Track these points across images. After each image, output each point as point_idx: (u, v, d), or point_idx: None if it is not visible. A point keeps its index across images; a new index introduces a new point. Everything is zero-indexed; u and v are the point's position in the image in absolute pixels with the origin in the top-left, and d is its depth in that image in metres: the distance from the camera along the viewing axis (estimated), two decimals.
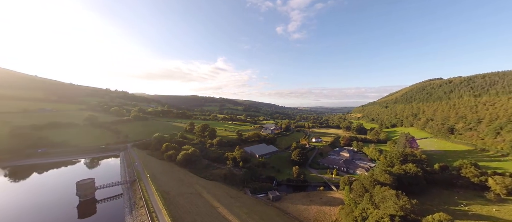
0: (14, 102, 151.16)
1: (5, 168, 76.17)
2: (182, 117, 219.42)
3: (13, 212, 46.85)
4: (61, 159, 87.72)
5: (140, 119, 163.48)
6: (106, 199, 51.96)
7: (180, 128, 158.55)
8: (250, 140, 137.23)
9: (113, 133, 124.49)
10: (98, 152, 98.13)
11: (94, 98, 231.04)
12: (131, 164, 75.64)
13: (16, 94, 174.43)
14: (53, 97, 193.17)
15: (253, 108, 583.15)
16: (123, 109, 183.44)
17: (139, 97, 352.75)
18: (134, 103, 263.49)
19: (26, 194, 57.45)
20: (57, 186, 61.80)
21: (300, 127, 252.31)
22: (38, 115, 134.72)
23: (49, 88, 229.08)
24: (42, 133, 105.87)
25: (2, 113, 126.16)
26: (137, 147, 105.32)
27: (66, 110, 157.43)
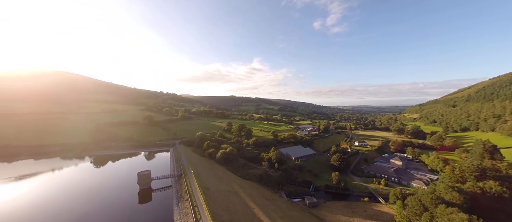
0: (97, 104, 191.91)
1: (92, 156, 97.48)
2: (221, 117, 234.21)
3: (96, 189, 60.68)
4: (127, 151, 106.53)
5: (186, 119, 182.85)
6: (159, 189, 60.24)
7: (219, 127, 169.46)
8: (286, 141, 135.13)
9: (165, 130, 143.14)
10: (153, 146, 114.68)
11: (151, 100, 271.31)
12: (179, 159, 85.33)
13: (98, 97, 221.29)
14: (122, 100, 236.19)
15: (289, 108, 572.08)
16: (172, 110, 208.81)
17: (185, 99, 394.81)
18: (181, 104, 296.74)
19: (104, 177, 72.74)
20: (124, 173, 75.39)
21: (341, 128, 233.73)
22: (112, 114, 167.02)
23: (119, 92, 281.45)
24: (114, 129, 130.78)
25: (90, 112, 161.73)
26: (183, 143, 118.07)
27: (130, 110, 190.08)
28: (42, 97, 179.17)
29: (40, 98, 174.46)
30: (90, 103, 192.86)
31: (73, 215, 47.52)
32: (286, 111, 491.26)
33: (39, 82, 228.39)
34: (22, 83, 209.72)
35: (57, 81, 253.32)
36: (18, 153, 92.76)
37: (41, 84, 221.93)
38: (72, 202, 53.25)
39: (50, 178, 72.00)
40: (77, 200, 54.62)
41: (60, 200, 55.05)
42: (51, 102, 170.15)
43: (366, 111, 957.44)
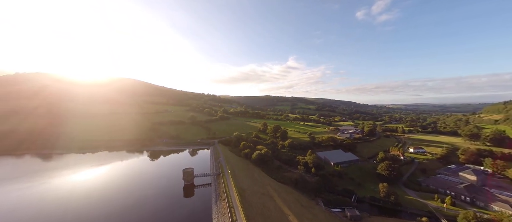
0: (152, 106, 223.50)
1: (148, 151, 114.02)
2: (256, 117, 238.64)
3: (151, 178, 71.45)
4: (175, 147, 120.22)
5: (223, 119, 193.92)
6: (200, 186, 65.62)
7: (255, 127, 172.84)
8: (324, 144, 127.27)
9: (206, 130, 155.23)
10: (196, 144, 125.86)
11: (194, 101, 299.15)
12: (217, 158, 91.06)
13: (152, 100, 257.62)
14: (171, 101, 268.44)
15: (327, 107, 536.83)
16: (212, 110, 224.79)
17: (223, 99, 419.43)
18: (220, 104, 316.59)
19: (157, 169, 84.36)
20: (172, 167, 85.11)
21: (390, 131, 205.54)
22: (163, 114, 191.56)
23: (169, 95, 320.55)
24: (165, 127, 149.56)
25: (147, 113, 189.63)
26: (221, 143, 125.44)
27: (177, 111, 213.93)
28: (111, 100, 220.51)
29: (110, 101, 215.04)
30: (146, 105, 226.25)
31: (134, 195, 59.37)
32: (324, 110, 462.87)
33: (108, 87, 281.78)
34: (96, 88, 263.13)
35: (122, 86, 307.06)
36: (98, 146, 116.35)
37: (110, 89, 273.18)
38: (134, 186, 65.41)
39: (120, 166, 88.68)
40: (138, 185, 66.79)
41: (126, 183, 68.07)
42: (118, 104, 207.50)
43: (423, 110, 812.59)
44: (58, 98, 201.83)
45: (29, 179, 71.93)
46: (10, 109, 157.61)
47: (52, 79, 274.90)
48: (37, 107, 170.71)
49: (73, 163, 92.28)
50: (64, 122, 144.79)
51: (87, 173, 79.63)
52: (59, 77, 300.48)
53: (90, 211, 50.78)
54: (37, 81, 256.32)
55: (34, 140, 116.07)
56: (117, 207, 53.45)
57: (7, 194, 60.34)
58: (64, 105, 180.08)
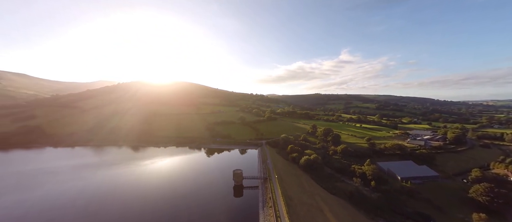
0: (207, 106, 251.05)
1: (205, 148, 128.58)
2: (305, 118, 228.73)
3: (206, 172, 79.68)
4: (226, 146, 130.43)
5: (271, 119, 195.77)
6: (249, 187, 68.34)
7: (303, 129, 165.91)
8: (387, 152, 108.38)
9: (254, 130, 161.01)
10: (245, 145, 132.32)
11: (243, 102, 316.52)
12: (265, 160, 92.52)
13: (208, 101, 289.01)
14: (223, 102, 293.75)
15: (392, 105, 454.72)
16: (260, 111, 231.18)
17: (271, 99, 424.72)
18: (267, 104, 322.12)
19: (211, 164, 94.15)
20: (224, 165, 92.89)
21: (491, 139, 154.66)
22: (216, 115, 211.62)
23: (221, 96, 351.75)
24: (218, 127, 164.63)
25: (203, 113, 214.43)
26: (269, 144, 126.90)
27: (229, 111, 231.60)
28: (175, 101, 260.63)
29: (174, 102, 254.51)
30: (203, 106, 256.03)
31: (195, 183, 71.52)
32: (388, 109, 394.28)
33: (173, 90, 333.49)
34: (165, 91, 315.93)
35: (182, 89, 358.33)
36: (168, 142, 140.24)
37: (174, 92, 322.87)
38: (194, 176, 74.79)
39: (183, 159, 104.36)
40: (197, 175, 77.74)
41: (187, 173, 79.67)
42: (181, 105, 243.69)
43: None
44: (143, 101, 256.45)
45: (126, 164, 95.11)
46: (114, 111, 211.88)
47: (141, 85, 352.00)
48: (131, 109, 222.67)
49: (152, 154, 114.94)
50: (146, 120, 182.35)
51: (161, 162, 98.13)
52: (143, 83, 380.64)
53: (163, 192, 63.63)
54: (130, 88, 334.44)
55: (128, 134, 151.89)
56: (180, 191, 65.66)
57: (113, 174, 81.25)
58: (147, 107, 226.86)
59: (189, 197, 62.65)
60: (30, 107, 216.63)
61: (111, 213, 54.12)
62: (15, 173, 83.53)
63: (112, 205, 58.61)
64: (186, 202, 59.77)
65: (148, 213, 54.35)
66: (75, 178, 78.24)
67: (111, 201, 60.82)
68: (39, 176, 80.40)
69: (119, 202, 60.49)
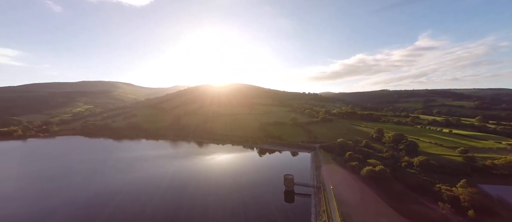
0: (260, 107, 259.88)
1: (257, 148, 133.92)
2: (367, 119, 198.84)
3: (259, 170, 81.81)
4: (278, 147, 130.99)
5: (325, 121, 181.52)
6: (300, 194, 65.95)
7: (365, 133, 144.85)
8: (498, 172, 78.82)
9: (306, 132, 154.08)
10: (297, 147, 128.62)
11: (295, 101, 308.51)
12: (318, 166, 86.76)
13: (260, 101, 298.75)
14: (275, 102, 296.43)
15: (504, 103, 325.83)
16: (313, 111, 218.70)
17: (325, 97, 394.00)
18: (321, 104, 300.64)
19: (264, 164, 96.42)
20: (275, 166, 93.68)
21: None
22: (268, 115, 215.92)
23: (273, 96, 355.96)
24: (270, 128, 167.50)
25: (256, 113, 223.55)
26: (323, 149, 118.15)
27: (280, 112, 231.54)
28: (232, 102, 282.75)
29: (231, 103, 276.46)
30: (256, 106, 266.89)
31: (249, 180, 75.73)
32: (497, 109, 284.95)
33: (229, 91, 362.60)
34: (222, 93, 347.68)
35: (237, 90, 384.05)
36: (225, 140, 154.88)
37: (230, 93, 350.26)
38: (253, 174, 78.29)
39: (239, 156, 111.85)
40: (251, 174, 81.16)
41: (243, 169, 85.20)
42: (237, 106, 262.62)
43: None
44: (207, 102, 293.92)
45: (193, 157, 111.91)
46: (184, 111, 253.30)
47: (206, 88, 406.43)
48: (197, 109, 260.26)
49: (212, 150, 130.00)
50: (208, 119, 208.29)
51: (219, 158, 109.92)
52: (208, 86, 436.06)
53: (223, 184, 70.74)
54: (197, 91, 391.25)
55: (195, 131, 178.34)
56: (236, 185, 71.32)
57: (184, 164, 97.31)
58: (209, 108, 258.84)
59: (245, 192, 67.32)
60: (133, 108, 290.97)
61: (183, 198, 64.65)
62: (123, 158, 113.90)
63: (184, 190, 70.03)
64: (242, 197, 64.53)
65: (210, 201, 62.07)
66: (158, 166, 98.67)
67: (184, 187, 72.74)
68: (136, 162, 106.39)
69: (189, 188, 71.52)
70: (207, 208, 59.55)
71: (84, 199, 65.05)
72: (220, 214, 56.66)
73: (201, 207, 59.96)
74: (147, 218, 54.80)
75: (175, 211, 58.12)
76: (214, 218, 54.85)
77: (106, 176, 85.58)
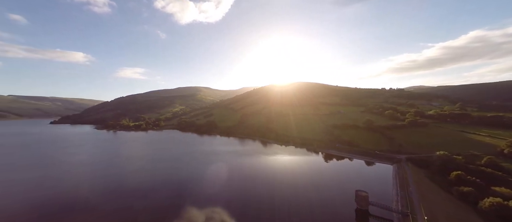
0: (326, 107, 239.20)
1: (323, 153, 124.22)
2: (490, 125, 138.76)
3: (324, 178, 75.21)
4: (347, 154, 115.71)
5: (416, 125, 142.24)
6: (378, 219, 54.89)
7: (487, 146, 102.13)
8: None
9: (386, 139, 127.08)
10: (373, 156, 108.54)
11: (371, 100, 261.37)
12: (404, 185, 69.23)
13: (326, 100, 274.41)
14: (344, 101, 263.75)
15: None
16: (397, 112, 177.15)
17: (415, 94, 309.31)
18: (410, 102, 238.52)
19: (330, 172, 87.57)
20: (342, 177, 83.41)
21: None
22: (336, 116, 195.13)
23: (342, 94, 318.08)
24: (337, 131, 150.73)
25: (321, 114, 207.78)
26: (412, 162, 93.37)
27: (351, 113, 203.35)
28: (294, 102, 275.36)
29: (294, 103, 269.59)
30: (321, 106, 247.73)
31: (315, 187, 70.87)
32: None
33: (292, 90, 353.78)
34: (285, 92, 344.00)
35: (301, 89, 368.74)
36: (288, 141, 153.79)
37: (293, 92, 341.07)
38: (318, 181, 73.78)
39: (302, 160, 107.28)
40: (316, 181, 75.19)
41: (308, 174, 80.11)
42: (300, 106, 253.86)
43: None
44: (271, 102, 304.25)
45: (257, 155, 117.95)
46: (250, 111, 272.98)
47: (271, 88, 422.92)
48: (262, 109, 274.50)
49: (275, 151, 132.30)
50: (271, 119, 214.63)
51: (282, 159, 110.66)
52: (272, 87, 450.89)
53: (287, 183, 69.35)
54: (262, 91, 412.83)
55: (259, 130, 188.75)
56: (302, 191, 68.50)
57: (250, 161, 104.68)
58: (273, 108, 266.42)
59: (312, 196, 64.21)
60: (210, 109, 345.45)
61: (251, 191, 68.87)
62: (202, 151, 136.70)
63: (251, 185, 74.41)
64: (309, 201, 61.96)
65: (277, 199, 63.22)
66: (227, 160, 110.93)
67: (251, 182, 77.39)
68: (210, 155, 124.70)
69: (255, 184, 75.39)
70: (274, 206, 60.69)
71: (177, 180, 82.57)
72: (286, 214, 56.88)
73: (267, 205, 61.61)
74: (224, 202, 62.35)
75: (245, 202, 63.34)
76: (280, 218, 55.42)
77: (191, 165, 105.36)
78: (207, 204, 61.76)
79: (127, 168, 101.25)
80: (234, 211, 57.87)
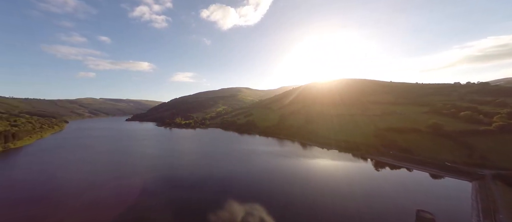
0: (377, 106, 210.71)
1: (372, 160, 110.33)
2: None
3: (376, 189, 66.65)
4: (403, 164, 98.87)
5: (509, 131, 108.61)
6: None
7: None
8: None
9: (462, 147, 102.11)
10: (439, 169, 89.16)
11: (439, 98, 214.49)
12: (490, 211, 54.02)
13: (377, 99, 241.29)
14: (401, 100, 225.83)
15: None
16: (478, 113, 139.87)
17: (507, 89, 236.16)
18: (499, 100, 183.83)
19: (382, 184, 76.16)
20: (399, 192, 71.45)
21: None
22: (390, 117, 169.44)
23: (397, 91, 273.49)
24: (391, 135, 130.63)
25: (371, 115, 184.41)
26: (502, 180, 71.96)
27: (410, 113, 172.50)
28: (337, 100, 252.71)
29: (337, 102, 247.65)
30: (371, 105, 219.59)
31: (365, 200, 63.78)
32: None
33: (335, 88, 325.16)
34: (327, 91, 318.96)
35: (345, 86, 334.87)
36: (330, 144, 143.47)
37: (336, 90, 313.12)
38: (370, 190, 66.56)
39: (347, 166, 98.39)
40: (366, 192, 66.41)
41: (352, 181, 71.71)
42: (344, 105, 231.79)
43: None
44: (311, 101, 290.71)
45: (297, 158, 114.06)
46: (289, 111, 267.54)
47: (311, 86, 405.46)
48: (301, 109, 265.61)
49: (316, 154, 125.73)
50: (311, 120, 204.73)
51: (325, 163, 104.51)
52: (313, 85, 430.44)
53: (330, 189, 63.86)
54: (302, 90, 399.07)
55: (298, 132, 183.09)
56: (350, 202, 61.78)
57: (290, 163, 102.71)
58: (312, 108, 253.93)
59: (364, 215, 56.54)
60: (250, 108, 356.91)
61: (291, 193, 66.92)
62: (243, 150, 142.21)
63: (286, 187, 72.78)
64: (360, 219, 55.23)
65: (319, 208, 59.85)
66: (266, 160, 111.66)
67: (287, 184, 74.96)
68: (250, 154, 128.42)
69: (295, 186, 73.10)
70: (315, 213, 58.00)
71: (219, 175, 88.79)
72: None
73: (308, 211, 59.47)
74: (263, 201, 63.43)
75: (284, 204, 62.68)
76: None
77: (232, 162, 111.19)
78: (247, 200, 64.29)
79: (179, 161, 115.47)
80: (273, 210, 58.15)
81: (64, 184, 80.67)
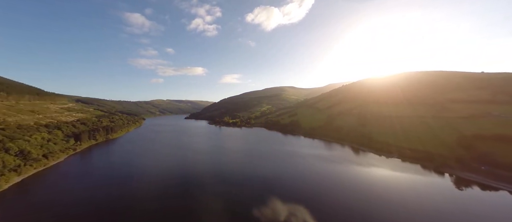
0: (463, 106, 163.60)
1: (452, 175, 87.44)
2: None
3: (452, 211, 52.50)
4: (505, 184, 73.46)
5: None
6: None
7: None
8: None
9: None
10: None
11: None
12: None
13: (464, 96, 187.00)
14: (502, 98, 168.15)
15: None
16: None
17: None
18: None
19: (469, 207, 58.36)
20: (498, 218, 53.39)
21: None
22: (483, 121, 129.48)
23: (496, 84, 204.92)
24: (486, 145, 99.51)
25: (453, 117, 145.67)
26: None
27: None
28: (401, 99, 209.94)
29: (400, 100, 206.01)
30: (452, 105, 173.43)
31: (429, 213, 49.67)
32: None
33: (398, 84, 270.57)
34: (386, 87, 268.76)
35: (412, 82, 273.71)
36: (391, 151, 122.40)
37: (400, 86, 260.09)
38: (447, 213, 54.14)
39: (414, 181, 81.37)
40: (440, 215, 53.91)
41: (422, 202, 58.49)
42: (410, 104, 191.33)
43: None
44: (363, 100, 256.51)
45: (348, 164, 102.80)
46: (338, 111, 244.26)
47: (364, 83, 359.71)
48: (352, 109, 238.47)
49: (371, 162, 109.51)
50: (364, 122, 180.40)
51: (383, 173, 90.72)
52: (366, 81, 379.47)
53: (387, 207, 55.29)
54: (352, 88, 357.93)
55: (348, 134, 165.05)
56: (405, 215, 50.41)
57: (339, 170, 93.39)
58: (366, 108, 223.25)
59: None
60: (294, 108, 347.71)
61: (334, 201, 60.96)
62: (285, 151, 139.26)
63: (334, 194, 66.05)
64: None
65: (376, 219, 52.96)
66: (312, 163, 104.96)
67: (335, 191, 68.59)
68: (294, 156, 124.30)
69: (342, 195, 66.08)
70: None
71: (263, 174, 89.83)
72: None
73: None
74: (307, 204, 61.22)
75: (332, 211, 58.81)
76: None
77: (276, 163, 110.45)
78: (290, 201, 63.57)
79: (226, 158, 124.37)
80: (317, 215, 55.23)
81: (141, 168, 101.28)
